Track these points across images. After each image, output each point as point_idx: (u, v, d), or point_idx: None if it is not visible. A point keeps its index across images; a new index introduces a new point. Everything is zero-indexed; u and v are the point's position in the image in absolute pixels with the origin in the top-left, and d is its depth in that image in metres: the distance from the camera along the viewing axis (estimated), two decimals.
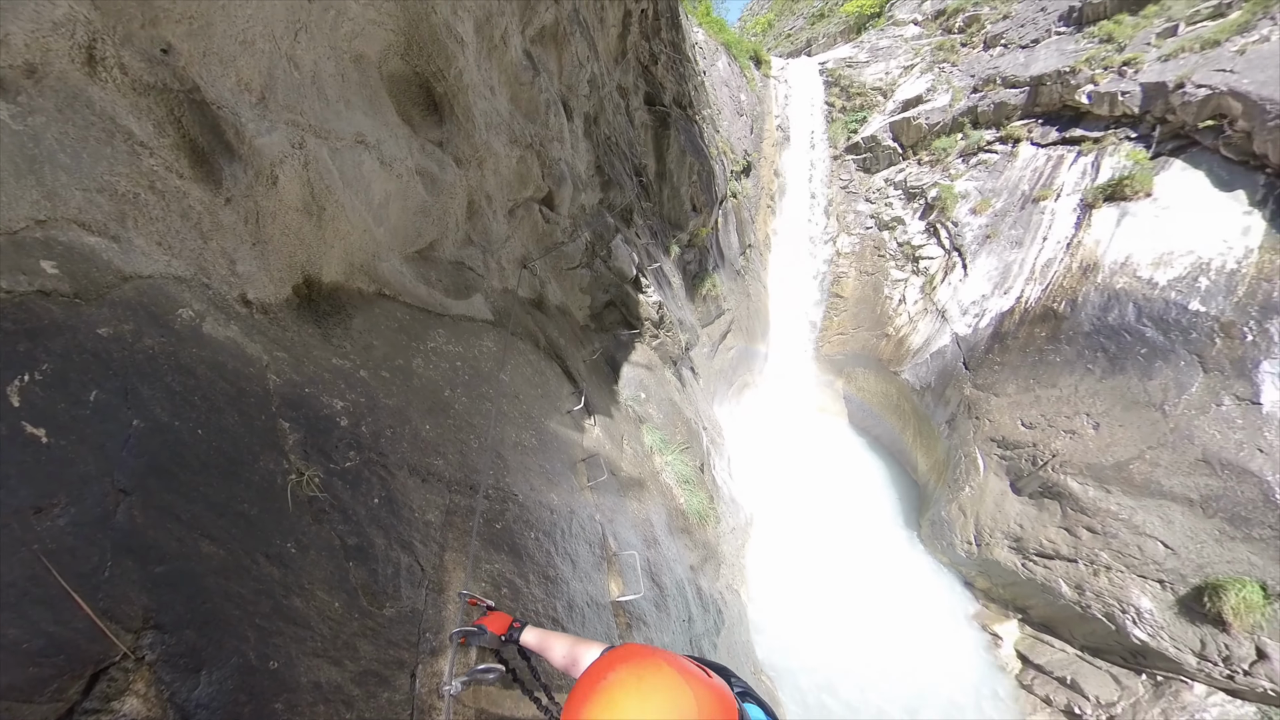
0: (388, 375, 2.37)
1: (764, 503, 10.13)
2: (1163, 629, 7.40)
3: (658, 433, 6.15)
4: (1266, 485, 7.37)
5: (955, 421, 11.34)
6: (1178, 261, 9.42)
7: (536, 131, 4.48)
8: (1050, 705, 7.80)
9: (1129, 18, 11.55)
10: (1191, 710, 6.99)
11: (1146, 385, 8.96)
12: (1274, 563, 7.00)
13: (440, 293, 3.28)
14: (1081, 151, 11.40)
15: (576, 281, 5.94)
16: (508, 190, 4.28)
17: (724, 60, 14.30)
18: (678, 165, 10.79)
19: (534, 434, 3.51)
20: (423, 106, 3.13)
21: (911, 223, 14.22)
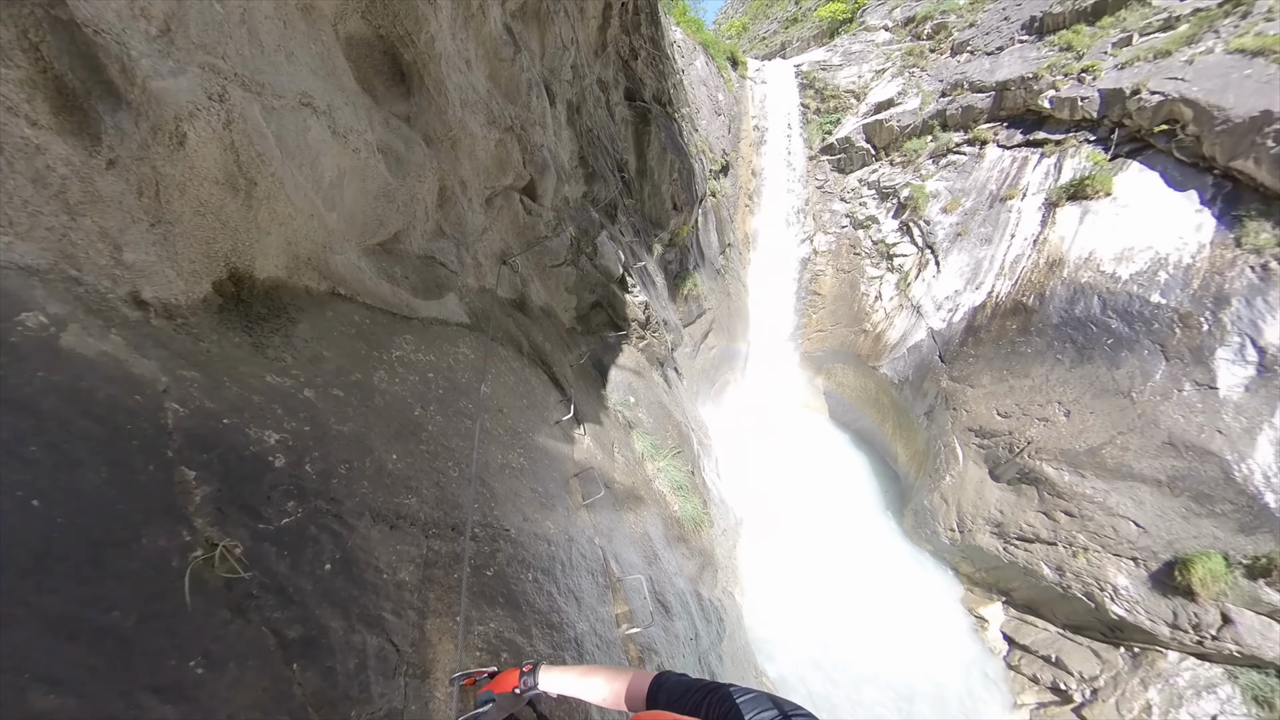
0: (341, 394, 1.81)
1: (751, 501, 9.83)
2: (1138, 603, 7.54)
3: (648, 438, 5.73)
4: (1226, 464, 7.52)
5: (933, 413, 11.30)
6: (1138, 256, 9.54)
7: (517, 113, 3.96)
8: (1037, 683, 7.83)
9: (1087, 28, 11.70)
10: (1166, 676, 7.13)
11: (1114, 374, 9.04)
12: (1234, 535, 7.19)
13: (407, 292, 2.76)
14: (1044, 153, 11.48)
15: (561, 280, 5.41)
16: (485, 176, 3.76)
17: (702, 60, 13.94)
18: (658, 162, 10.34)
19: (522, 452, 2.99)
20: (387, 75, 2.59)
21: (885, 221, 14.17)
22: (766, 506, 10.12)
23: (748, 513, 9.38)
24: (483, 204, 3.84)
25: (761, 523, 9.55)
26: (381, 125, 2.47)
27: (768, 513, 9.97)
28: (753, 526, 9.23)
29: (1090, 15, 11.88)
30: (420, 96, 2.75)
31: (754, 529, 9.24)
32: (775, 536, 9.50)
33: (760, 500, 10.13)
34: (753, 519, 9.38)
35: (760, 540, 9.14)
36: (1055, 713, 7.40)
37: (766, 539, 9.28)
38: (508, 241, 4.31)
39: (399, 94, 2.68)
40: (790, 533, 9.79)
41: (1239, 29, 9.68)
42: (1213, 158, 9.22)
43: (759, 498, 10.14)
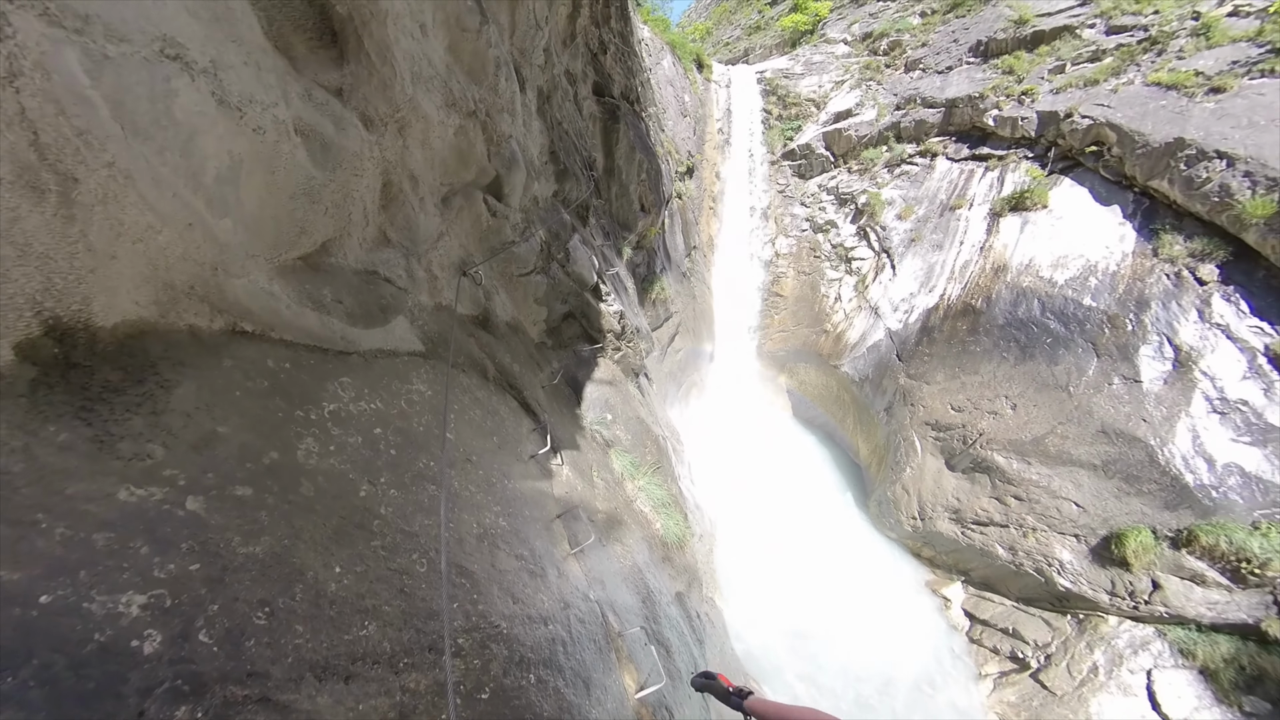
0: (249, 492, 1.19)
1: (723, 503, 9.56)
2: (1081, 575, 7.86)
3: (627, 456, 5.22)
4: (1150, 448, 7.85)
5: (892, 409, 11.40)
6: (1072, 263, 9.88)
7: (482, 96, 3.28)
8: (998, 654, 8.04)
9: (1026, 54, 12.03)
10: (1108, 639, 7.45)
11: (1053, 370, 9.33)
12: (1160, 511, 7.58)
13: (341, 320, 2.08)
14: (988, 167, 11.75)
15: (530, 291, 4.67)
16: (442, 170, 3.08)
17: (669, 60, 13.38)
18: (627, 162, 9.64)
19: (500, 509, 2.36)
20: (312, 32, 1.89)
21: (844, 226, 14.20)
22: (738, 508, 9.84)
23: (720, 515, 9.09)
24: (438, 204, 3.12)
25: (735, 524, 9.28)
26: (301, 98, 1.77)
27: (740, 514, 9.71)
28: (727, 529, 8.95)
29: (1029, 43, 12.24)
30: (358, 64, 2.04)
31: (728, 531, 8.96)
32: (749, 537, 9.25)
33: (732, 501, 9.84)
34: (726, 521, 9.10)
35: (735, 542, 8.87)
36: (1015, 680, 7.60)
37: (741, 540, 9.02)
38: (468, 248, 3.58)
39: (328, 59, 1.96)
40: (763, 532, 9.57)
41: (1156, 64, 10.17)
42: (1133, 177, 9.64)
43: (730, 499, 9.85)
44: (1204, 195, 8.41)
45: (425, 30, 2.62)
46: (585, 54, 8.43)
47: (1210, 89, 9.08)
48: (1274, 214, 7.57)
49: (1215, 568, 6.98)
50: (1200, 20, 10.14)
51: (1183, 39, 10.14)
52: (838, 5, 18.27)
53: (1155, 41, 10.44)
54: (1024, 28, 12.32)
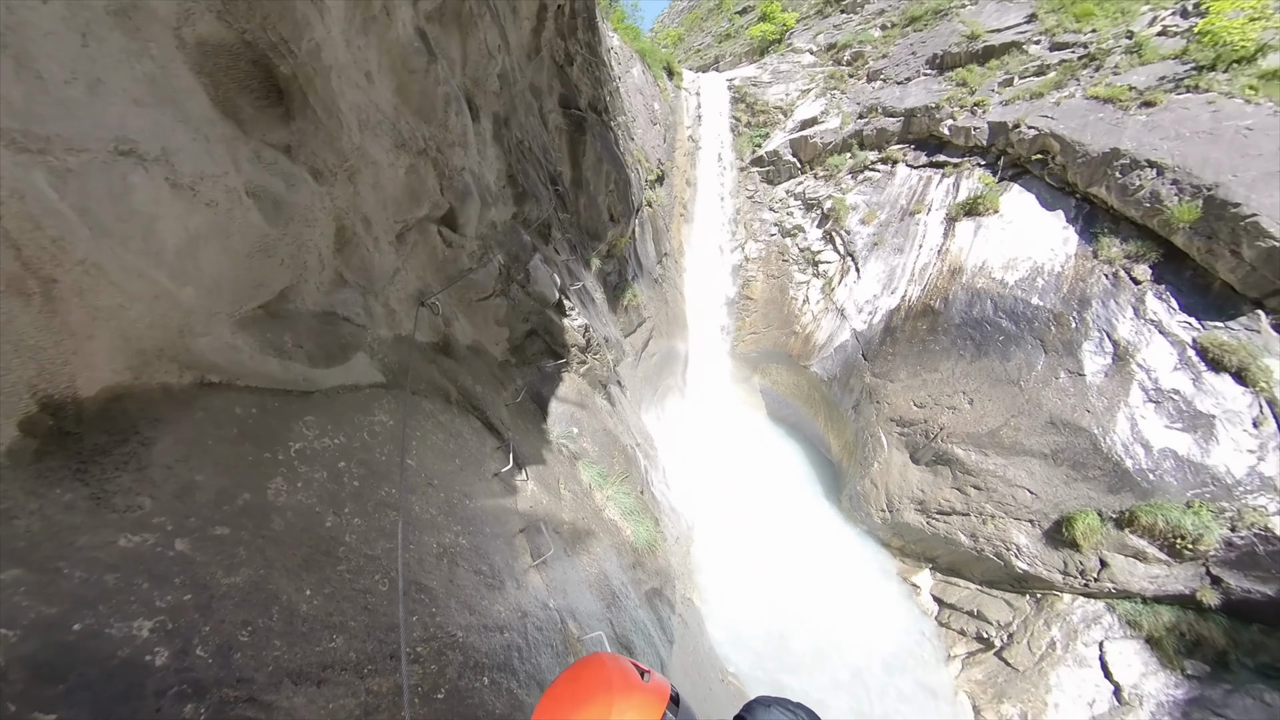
0: (227, 530, 1.35)
1: (699, 502, 9.79)
2: (1037, 558, 8.30)
3: (595, 467, 5.33)
4: (1094, 437, 8.33)
5: (859, 406, 11.82)
6: (1021, 265, 10.42)
7: (432, 134, 3.38)
8: (965, 635, 8.47)
9: (978, 68, 12.61)
10: (1063, 615, 7.90)
11: (1005, 365, 9.83)
12: (1105, 494, 8.07)
13: (302, 362, 2.17)
14: (945, 174, 12.28)
15: (491, 313, 4.77)
16: (394, 209, 3.16)
17: (638, 68, 13.56)
18: (594, 173, 9.64)
19: (460, 529, 2.50)
20: (258, 92, 1.95)
21: (810, 230, 14.61)
22: (715, 507, 10.09)
23: (697, 515, 9.30)
24: (393, 241, 3.19)
25: (712, 524, 9.50)
26: (251, 161, 1.87)
27: (717, 513, 9.95)
28: (704, 529, 9.17)
29: (980, 57, 12.84)
30: (304, 120, 2.10)
31: (705, 531, 9.18)
32: (726, 535, 9.49)
33: (708, 501, 10.08)
34: (703, 521, 9.31)
35: (713, 541, 9.09)
36: (981, 659, 8.04)
37: (719, 539, 9.26)
38: (425, 279, 3.63)
39: (275, 117, 2.00)
40: (740, 529, 9.82)
41: (1094, 79, 10.81)
42: (1075, 184, 10.23)
43: (707, 499, 10.09)
44: (1137, 201, 8.99)
45: (371, 77, 2.69)
46: (551, 67, 8.44)
47: (1142, 103, 9.71)
48: (1199, 218, 8.15)
49: (1155, 545, 7.51)
50: (1133, 39, 10.82)
51: (1118, 56, 10.80)
52: (804, 16, 18.78)
53: (1094, 58, 11.09)
54: (975, 42, 12.92)
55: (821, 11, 18.43)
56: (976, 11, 13.91)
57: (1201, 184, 8.30)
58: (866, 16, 16.79)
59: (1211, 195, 8.12)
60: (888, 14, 16.18)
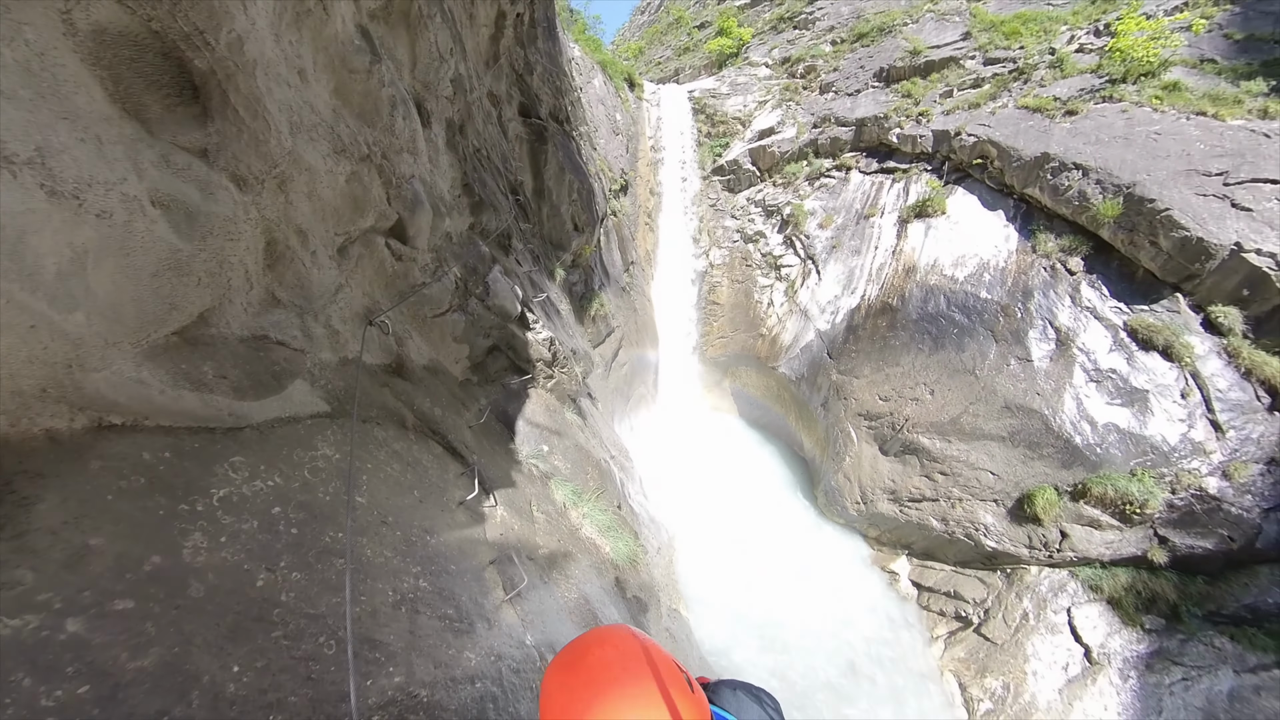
0: (132, 604, 1.08)
1: (679, 510, 9.66)
2: (1004, 535, 8.61)
3: (568, 485, 5.05)
4: (1045, 417, 8.79)
5: (828, 404, 12.00)
6: (969, 262, 10.95)
7: (377, 139, 3.09)
8: (944, 616, 8.63)
9: (921, 80, 13.40)
10: (1032, 587, 8.20)
11: (961, 356, 10.24)
12: (1059, 470, 8.51)
13: (227, 395, 1.86)
14: (895, 179, 12.85)
15: (448, 330, 4.43)
16: (335, 220, 2.84)
17: (600, 79, 13.50)
18: (556, 183, 9.45)
19: (420, 570, 2.20)
20: (168, 90, 1.65)
21: (772, 236, 14.90)
22: (695, 514, 10.00)
23: (678, 523, 9.13)
24: (334, 256, 2.88)
25: (694, 531, 9.39)
26: (158, 166, 1.56)
27: (698, 520, 9.86)
28: (685, 537, 8.99)
29: (923, 71, 13.65)
30: (224, 121, 1.80)
31: (687, 539, 9.02)
32: (709, 542, 9.41)
33: (690, 508, 9.97)
34: (684, 529, 9.15)
35: (696, 548, 8.96)
36: (962, 636, 8.23)
37: (702, 546, 9.15)
38: (373, 296, 3.31)
39: (190, 117, 1.70)
40: (722, 534, 9.77)
41: (1024, 91, 11.68)
42: (1012, 186, 10.92)
43: (687, 506, 9.97)
44: (1067, 200, 9.62)
45: (305, 76, 2.41)
46: (510, 75, 8.18)
47: (1066, 111, 10.51)
48: (1121, 214, 8.79)
49: (1107, 513, 7.97)
50: (1055, 55, 11.78)
51: (1043, 70, 11.69)
52: (759, 31, 19.45)
53: (1022, 72, 11.96)
54: (918, 58, 13.71)
55: (775, 27, 19.15)
56: (918, 29, 14.79)
57: (1121, 183, 8.97)
58: (817, 33, 17.56)
59: (1130, 193, 8.78)
60: (837, 30, 16.98)
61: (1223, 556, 7.32)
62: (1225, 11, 11.02)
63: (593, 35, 14.84)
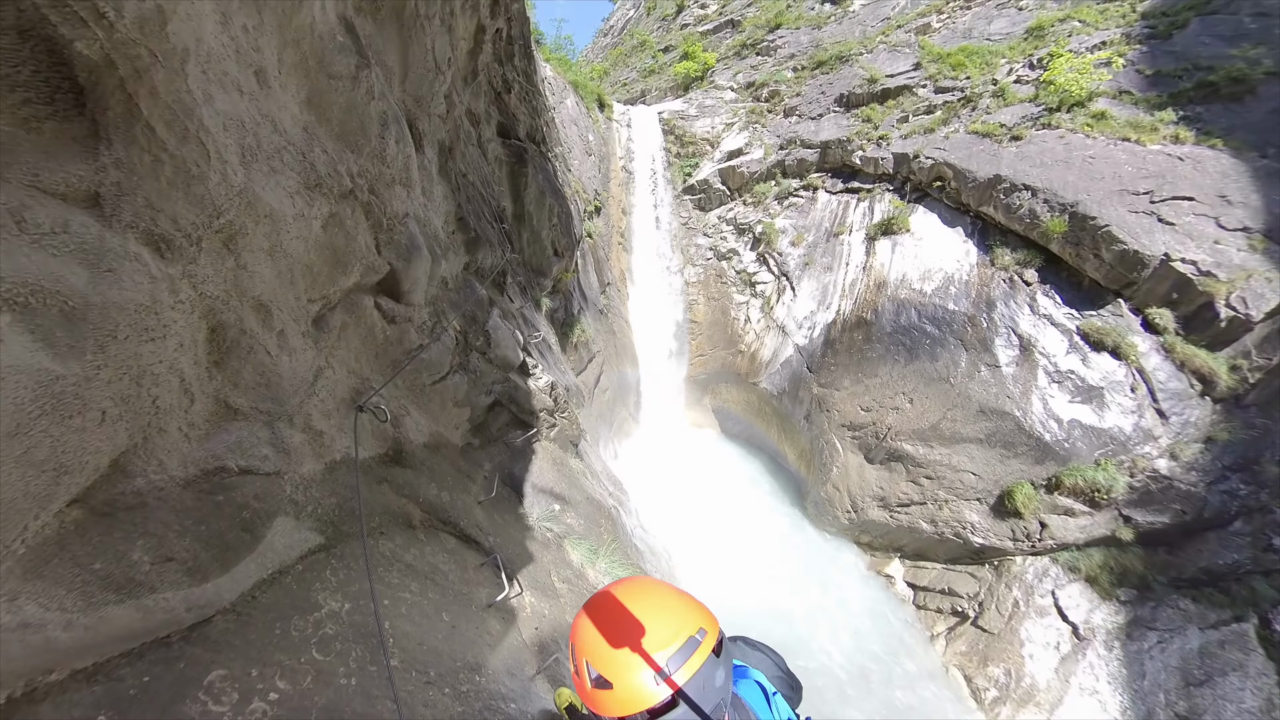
0: None
1: (672, 532, 9.77)
2: (989, 530, 9.33)
3: (584, 543, 4.92)
4: (1016, 418, 9.62)
5: (811, 416, 12.50)
6: (935, 276, 11.89)
7: (363, 168, 2.54)
8: (942, 613, 9.17)
9: (879, 106, 14.68)
10: (1019, 575, 8.91)
11: (935, 365, 11.01)
12: (1033, 466, 9.34)
13: (179, 583, 1.31)
14: (860, 198, 13.88)
15: (449, 395, 3.87)
16: (308, 282, 2.24)
17: (572, 99, 13.94)
18: (537, 206, 9.33)
19: (463, 710, 1.87)
20: (35, 91, 1.05)
21: (745, 254, 15.60)
22: (689, 534, 10.15)
23: (673, 546, 9.20)
24: (309, 330, 2.31)
25: (688, 553, 9.50)
26: (9, 233, 0.97)
27: (691, 541, 10.04)
28: (683, 560, 9.05)
29: (880, 98, 14.98)
30: (129, 144, 1.19)
31: (684, 562, 9.07)
32: (704, 562, 9.59)
33: (681, 530, 10.11)
34: (679, 552, 9.24)
35: (693, 571, 9.06)
36: (960, 631, 8.75)
37: (699, 567, 9.29)
38: (362, 373, 2.79)
39: (66, 139, 1.11)
40: (716, 553, 10.03)
41: (972, 117, 13.04)
42: (968, 204, 12.05)
43: (679, 528, 10.11)
44: (1019, 218, 10.73)
45: (265, 78, 1.76)
46: (489, 93, 8.05)
47: (1011, 137, 11.80)
48: (1067, 230, 9.91)
49: (1079, 501, 8.84)
50: (997, 85, 13.23)
51: (987, 99, 13.12)
52: (723, 56, 20.76)
53: (970, 100, 13.37)
54: (875, 85, 15.04)
55: (739, 53, 20.49)
56: (873, 59, 16.26)
57: (1065, 202, 10.13)
58: (779, 59, 18.93)
59: (1074, 211, 9.92)
60: (797, 58, 18.38)
61: (1179, 529, 8.33)
62: (1135, 50, 12.89)
63: (564, 55, 15.37)
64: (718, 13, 25.42)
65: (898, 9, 20.33)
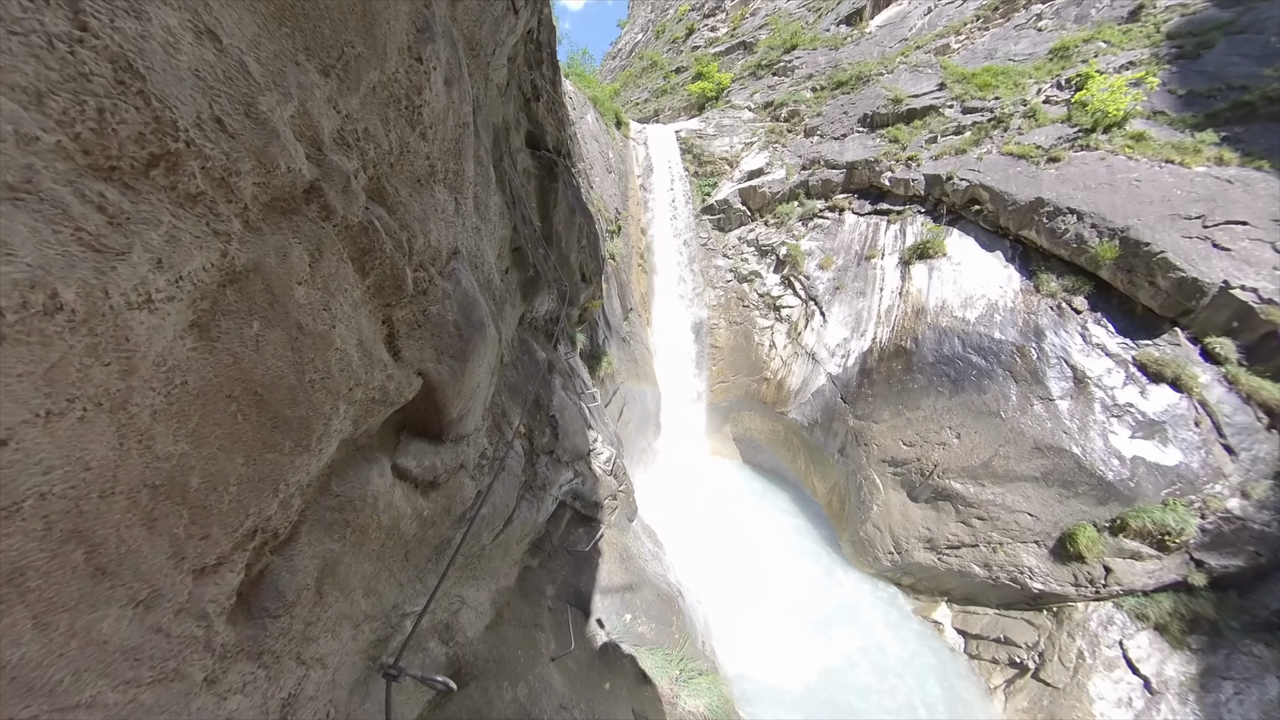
0: None
1: (700, 570, 9.56)
2: (1049, 575, 9.08)
3: (657, 653, 4.58)
4: (1075, 456, 9.47)
5: (846, 450, 12.32)
6: (978, 303, 11.93)
7: (369, 133, 1.64)
8: (999, 664, 8.84)
9: (905, 127, 15.04)
10: (1082, 624, 8.64)
11: (983, 398, 10.91)
12: (1095, 507, 9.15)
13: None
14: (890, 220, 14.06)
15: (514, 538, 3.06)
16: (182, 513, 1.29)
17: (592, 115, 14.22)
18: (566, 227, 8.60)
19: None
20: None
21: (768, 276, 15.68)
22: (717, 575, 9.90)
23: (702, 590, 8.99)
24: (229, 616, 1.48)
25: (719, 597, 9.31)
26: None
27: (721, 583, 9.74)
28: (714, 608, 8.81)
29: (905, 118, 15.37)
30: None
31: (715, 610, 8.84)
32: (736, 607, 9.31)
33: (709, 570, 9.87)
34: (710, 597, 9.01)
35: (725, 619, 8.83)
36: (1020, 685, 8.44)
37: (730, 615, 9.08)
38: (380, 602, 1.82)
39: None
40: (750, 595, 9.73)
41: (1004, 138, 13.34)
42: (1007, 228, 12.20)
43: (707, 568, 9.88)
44: (1065, 243, 10.84)
45: None
46: (518, 99, 7.75)
47: (1049, 158, 12.05)
48: (1119, 255, 9.96)
49: (1146, 544, 8.66)
50: (1028, 106, 13.58)
51: (1019, 119, 13.45)
52: (738, 76, 21.36)
53: (1000, 121, 13.71)
54: (899, 105, 15.44)
55: (754, 74, 21.13)
56: (894, 79, 16.75)
57: (1115, 227, 10.25)
58: (797, 80, 19.51)
59: (1125, 236, 10.03)
60: (816, 78, 18.95)
61: (1252, 571, 8.14)
62: (1164, 70, 13.36)
63: (582, 70, 15.76)
64: (729, 35, 26.39)
65: (915, 30, 21.15)
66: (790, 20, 24.26)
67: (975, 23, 19.74)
